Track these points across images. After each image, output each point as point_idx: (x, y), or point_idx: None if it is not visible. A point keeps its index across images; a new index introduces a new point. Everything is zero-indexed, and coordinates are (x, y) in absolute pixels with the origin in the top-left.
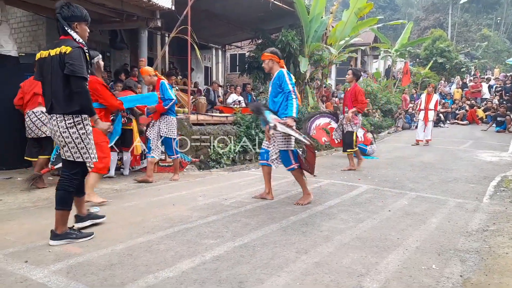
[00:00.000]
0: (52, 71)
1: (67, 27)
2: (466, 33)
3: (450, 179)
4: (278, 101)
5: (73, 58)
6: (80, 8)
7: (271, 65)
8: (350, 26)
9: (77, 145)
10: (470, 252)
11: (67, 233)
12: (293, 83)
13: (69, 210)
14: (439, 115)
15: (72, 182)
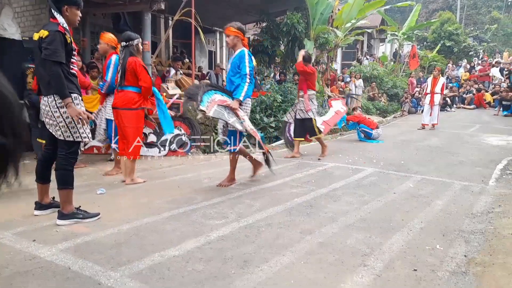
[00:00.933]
0: (38, 54)
1: (54, 10)
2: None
3: (456, 162)
4: (235, 82)
5: (48, 42)
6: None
7: (235, 42)
8: (356, 9)
9: (68, 124)
10: (475, 233)
11: (74, 213)
12: (252, 66)
13: (71, 189)
14: (445, 99)
15: (69, 160)
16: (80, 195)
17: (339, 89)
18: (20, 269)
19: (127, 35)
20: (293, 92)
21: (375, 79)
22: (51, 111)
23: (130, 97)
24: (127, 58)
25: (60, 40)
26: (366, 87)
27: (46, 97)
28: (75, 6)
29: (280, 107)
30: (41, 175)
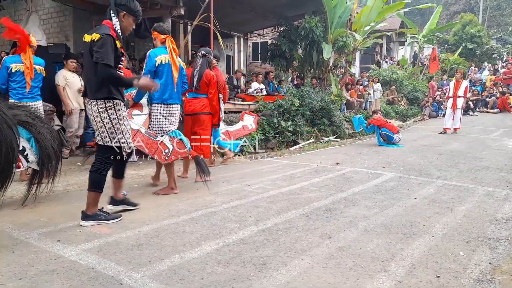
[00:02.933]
0: (87, 56)
1: (113, 13)
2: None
3: (479, 167)
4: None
5: (99, 45)
6: (136, 3)
7: (155, 43)
8: (375, 11)
9: (107, 130)
10: (500, 240)
11: (97, 214)
12: (148, 66)
13: (100, 192)
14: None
15: (104, 165)
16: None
17: (357, 93)
18: (45, 268)
19: (209, 49)
20: (310, 96)
21: (394, 82)
22: (93, 115)
23: (206, 103)
24: (205, 69)
25: (110, 44)
26: (385, 91)
27: (90, 100)
28: (133, 16)
29: (298, 111)
30: (115, 171)
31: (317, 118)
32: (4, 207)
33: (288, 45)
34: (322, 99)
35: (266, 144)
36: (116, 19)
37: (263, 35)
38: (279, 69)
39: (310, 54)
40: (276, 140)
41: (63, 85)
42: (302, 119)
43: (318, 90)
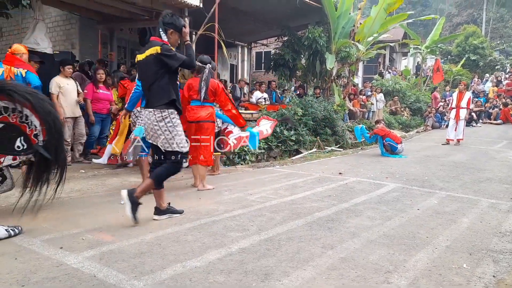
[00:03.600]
0: (147, 69)
1: (162, 31)
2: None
3: (483, 179)
4: None
5: (171, 55)
6: (180, 20)
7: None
8: (378, 22)
9: (166, 136)
10: (504, 253)
11: (168, 209)
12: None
13: (162, 189)
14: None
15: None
16: (105, 205)
17: (360, 103)
18: (47, 275)
19: (210, 59)
20: (313, 105)
21: (397, 93)
22: (152, 123)
23: (212, 111)
24: (210, 79)
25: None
26: (388, 101)
27: (148, 109)
28: (178, 32)
29: (301, 120)
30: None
31: (319, 128)
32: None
33: (292, 55)
34: (325, 109)
35: (268, 153)
36: (165, 36)
37: (266, 45)
38: (283, 78)
39: (314, 64)
40: (278, 149)
41: (57, 93)
42: (305, 128)
43: (321, 99)
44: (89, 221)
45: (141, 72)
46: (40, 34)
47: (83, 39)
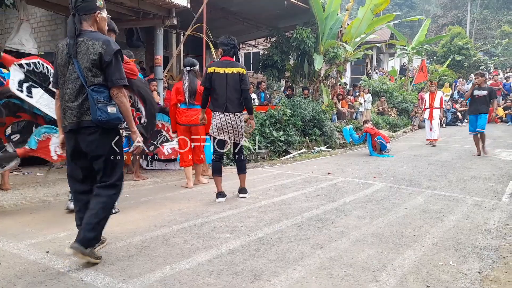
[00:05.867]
0: (227, 83)
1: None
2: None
3: (468, 177)
4: None
5: (247, 80)
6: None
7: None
8: (365, 23)
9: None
10: (489, 250)
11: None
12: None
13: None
14: (456, 114)
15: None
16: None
17: (348, 104)
18: (33, 280)
19: (191, 61)
20: (302, 106)
21: (384, 93)
22: (238, 123)
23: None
24: (196, 81)
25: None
26: (375, 101)
27: (234, 113)
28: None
29: (290, 121)
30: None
31: (308, 128)
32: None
33: (280, 55)
34: (313, 109)
35: (258, 154)
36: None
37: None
38: (271, 79)
39: (302, 65)
40: (268, 149)
41: None
42: (293, 129)
43: (310, 100)
44: None
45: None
46: (25, 34)
47: None
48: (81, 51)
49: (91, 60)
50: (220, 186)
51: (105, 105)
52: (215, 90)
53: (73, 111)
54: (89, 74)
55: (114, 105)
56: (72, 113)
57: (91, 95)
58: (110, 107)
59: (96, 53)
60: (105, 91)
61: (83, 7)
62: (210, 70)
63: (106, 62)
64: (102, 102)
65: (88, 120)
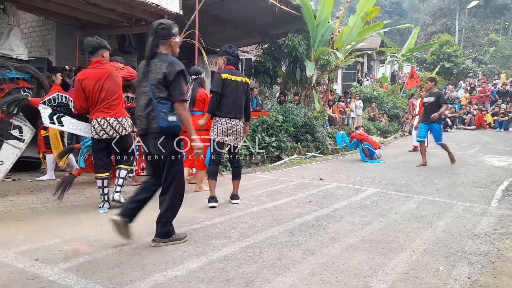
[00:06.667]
0: (236, 91)
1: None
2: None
3: (458, 183)
4: None
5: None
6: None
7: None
8: (356, 31)
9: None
10: (478, 255)
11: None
12: None
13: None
14: (446, 120)
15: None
16: (82, 214)
17: (340, 110)
18: None
19: (197, 69)
20: (294, 112)
21: (375, 99)
22: (240, 129)
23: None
24: (198, 89)
25: None
26: (366, 108)
27: (239, 119)
28: None
29: (282, 126)
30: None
31: (300, 134)
32: None
33: (272, 62)
34: (305, 115)
35: (250, 160)
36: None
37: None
38: (263, 85)
39: (294, 71)
40: (260, 155)
41: None
42: (285, 134)
43: (301, 106)
44: (66, 231)
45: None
46: (15, 40)
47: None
48: (151, 70)
49: (157, 78)
50: (213, 190)
51: (167, 114)
52: (225, 96)
53: (142, 120)
54: (156, 90)
55: (175, 115)
56: (142, 121)
57: (156, 106)
58: (171, 117)
59: (161, 73)
60: (168, 103)
61: (161, 34)
62: (224, 76)
63: (170, 81)
64: (165, 112)
65: (154, 127)
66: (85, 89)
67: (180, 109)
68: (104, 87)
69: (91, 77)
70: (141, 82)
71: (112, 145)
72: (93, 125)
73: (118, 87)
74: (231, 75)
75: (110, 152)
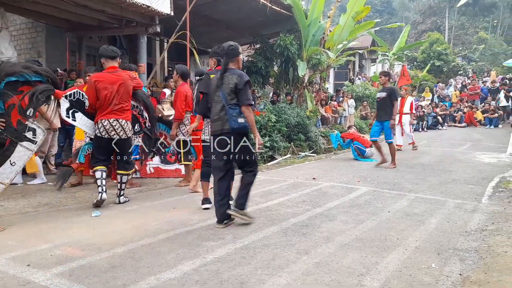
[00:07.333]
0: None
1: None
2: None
3: (449, 180)
4: None
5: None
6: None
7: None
8: (347, 30)
9: None
10: (469, 251)
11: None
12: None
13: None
14: (437, 117)
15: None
16: (74, 218)
17: (332, 109)
18: None
19: (201, 71)
20: (287, 112)
21: (367, 98)
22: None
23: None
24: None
25: None
26: (358, 107)
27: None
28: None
29: (275, 126)
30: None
31: (293, 134)
32: None
33: (264, 62)
34: (298, 115)
35: None
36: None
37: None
38: (255, 85)
39: (286, 71)
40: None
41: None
42: (278, 134)
43: (294, 106)
44: (58, 236)
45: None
46: (4, 43)
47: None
48: (224, 82)
49: (230, 88)
50: (207, 192)
51: (237, 117)
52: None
53: (218, 122)
54: (228, 98)
55: (243, 117)
56: (217, 124)
57: (228, 111)
58: (240, 119)
59: (233, 83)
60: (237, 108)
61: (231, 53)
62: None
63: (239, 89)
64: (235, 116)
65: (227, 128)
66: (99, 91)
67: (246, 112)
68: (119, 92)
69: (107, 81)
70: (215, 92)
71: (113, 145)
72: (104, 125)
73: (129, 95)
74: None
75: (111, 152)
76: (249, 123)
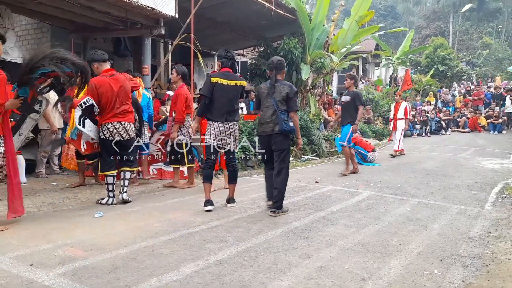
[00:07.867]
0: (228, 95)
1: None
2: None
3: (452, 186)
4: None
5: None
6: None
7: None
8: (351, 34)
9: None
10: (472, 258)
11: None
12: None
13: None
14: (440, 123)
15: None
16: (78, 218)
17: (335, 112)
18: None
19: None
20: None
21: (370, 102)
22: (234, 131)
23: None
24: None
25: None
26: None
27: (233, 123)
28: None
29: None
30: (211, 178)
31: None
32: None
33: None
34: (301, 118)
35: (246, 163)
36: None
37: (243, 55)
38: None
39: (289, 74)
40: (256, 158)
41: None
42: None
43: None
44: (61, 236)
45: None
46: (10, 43)
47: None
48: (276, 91)
49: (282, 96)
50: (209, 194)
51: (287, 121)
52: (216, 100)
53: (269, 125)
54: (280, 104)
55: (291, 121)
56: (269, 126)
57: (279, 115)
58: (290, 123)
59: (285, 92)
60: (286, 113)
61: (279, 67)
62: (214, 80)
63: (290, 98)
64: (285, 120)
65: (277, 129)
66: (101, 96)
67: (294, 117)
68: (119, 95)
69: (107, 86)
70: (266, 99)
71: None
72: (108, 128)
73: (129, 96)
74: (223, 79)
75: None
76: (296, 127)
